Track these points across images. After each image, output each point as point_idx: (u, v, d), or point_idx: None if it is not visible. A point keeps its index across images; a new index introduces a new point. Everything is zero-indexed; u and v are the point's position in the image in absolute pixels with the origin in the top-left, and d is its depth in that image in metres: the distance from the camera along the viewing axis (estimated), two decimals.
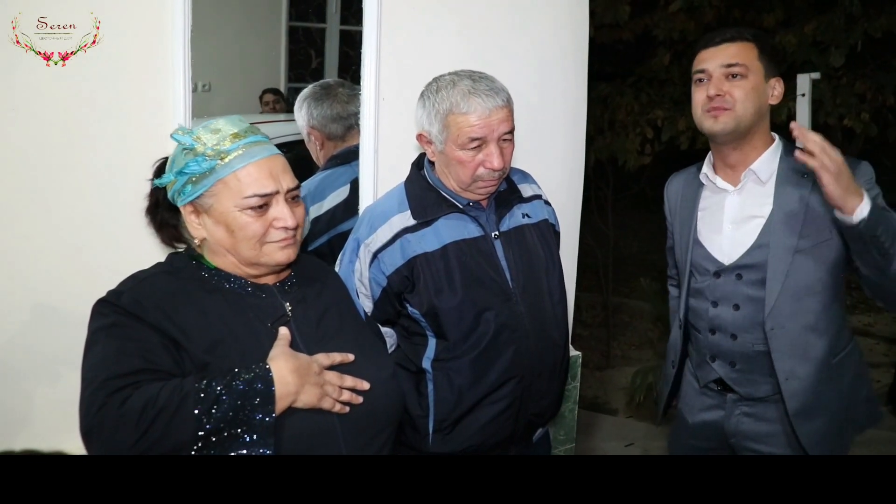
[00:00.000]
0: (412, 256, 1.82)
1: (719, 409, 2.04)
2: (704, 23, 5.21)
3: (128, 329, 1.35)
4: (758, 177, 1.93)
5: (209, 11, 2.08)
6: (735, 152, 1.95)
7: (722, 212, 1.98)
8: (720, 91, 1.88)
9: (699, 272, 2.03)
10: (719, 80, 1.89)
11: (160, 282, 1.45)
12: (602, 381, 5.37)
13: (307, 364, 1.41)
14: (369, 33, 2.17)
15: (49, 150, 1.90)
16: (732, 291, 1.95)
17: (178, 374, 1.33)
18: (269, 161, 1.46)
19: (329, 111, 2.43)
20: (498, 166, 1.77)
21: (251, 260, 1.48)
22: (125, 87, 1.94)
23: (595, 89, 5.28)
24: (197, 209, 1.48)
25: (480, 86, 1.77)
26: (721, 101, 1.88)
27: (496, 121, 1.76)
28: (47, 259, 1.93)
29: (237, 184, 1.43)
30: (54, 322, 1.94)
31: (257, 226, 1.44)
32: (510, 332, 1.84)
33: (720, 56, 1.90)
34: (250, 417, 1.29)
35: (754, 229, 1.92)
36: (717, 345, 1.99)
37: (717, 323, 1.99)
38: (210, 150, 1.43)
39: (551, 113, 2.51)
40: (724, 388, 2.02)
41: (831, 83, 4.75)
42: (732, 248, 1.95)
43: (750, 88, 1.87)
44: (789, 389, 1.88)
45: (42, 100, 1.88)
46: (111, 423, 1.23)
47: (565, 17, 2.49)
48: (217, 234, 1.47)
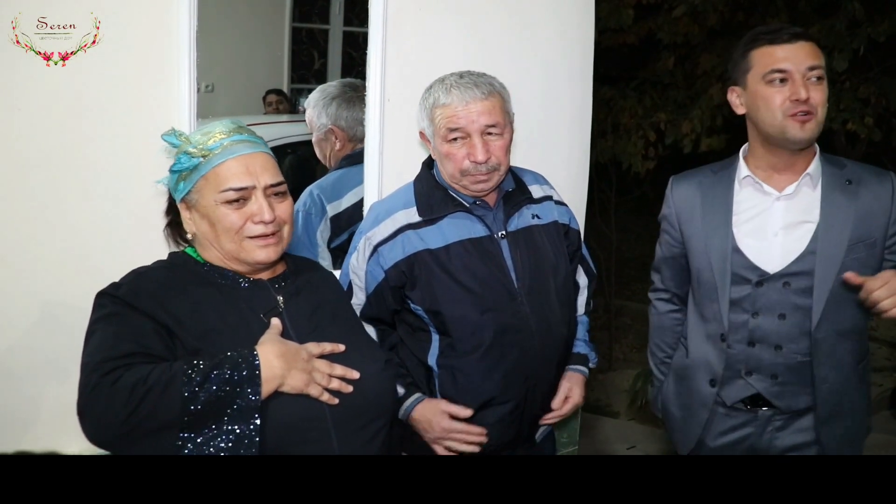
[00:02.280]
0: (413, 252, 1.84)
1: (746, 426, 1.94)
2: (708, 26, 5.20)
3: (124, 317, 1.43)
4: (812, 181, 1.84)
5: (213, 13, 2.08)
6: (794, 157, 1.85)
7: (767, 217, 1.87)
8: (807, 95, 1.75)
9: (735, 282, 1.89)
10: (803, 83, 1.76)
11: (157, 275, 1.54)
12: (604, 383, 5.37)
13: (295, 350, 1.46)
14: (375, 35, 2.17)
15: (49, 150, 1.90)
16: (778, 300, 1.84)
17: (169, 358, 1.39)
18: (249, 157, 1.54)
19: (360, 114, 2.42)
20: (481, 159, 1.78)
21: (232, 254, 1.55)
22: (125, 87, 1.94)
23: (598, 92, 5.28)
24: (187, 205, 1.57)
25: (464, 80, 1.82)
26: (808, 107, 1.76)
27: (475, 112, 1.79)
28: (46, 259, 1.93)
29: (216, 178, 1.52)
30: (58, 323, 1.94)
31: (234, 217, 1.52)
32: (515, 333, 1.84)
33: (802, 56, 1.78)
34: (236, 398, 1.34)
35: (805, 235, 1.83)
36: (757, 357, 1.88)
37: (758, 334, 1.87)
38: (194, 149, 1.52)
39: (556, 115, 2.50)
40: (755, 405, 1.92)
41: (835, 88, 4.74)
42: (782, 256, 1.84)
43: (826, 93, 1.79)
44: (821, 395, 1.84)
45: (42, 100, 1.88)
46: (103, 400, 1.29)
47: (571, 20, 2.48)
48: (203, 228, 1.56)
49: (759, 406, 1.91)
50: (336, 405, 1.47)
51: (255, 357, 1.38)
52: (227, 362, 1.36)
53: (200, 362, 1.35)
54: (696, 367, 2.01)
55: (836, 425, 1.87)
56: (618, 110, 5.63)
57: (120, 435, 1.29)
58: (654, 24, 5.44)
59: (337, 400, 1.47)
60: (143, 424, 1.28)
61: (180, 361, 1.36)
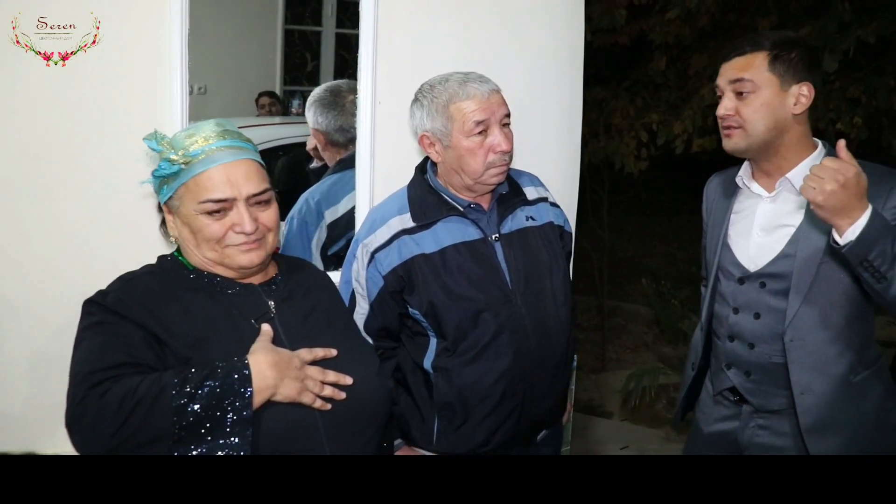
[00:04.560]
0: (409, 257, 1.84)
1: (734, 419, 1.98)
2: (699, 27, 5.22)
3: (112, 326, 1.40)
4: (792, 185, 1.84)
5: (206, 14, 2.08)
6: (767, 162, 1.89)
7: (753, 217, 1.92)
8: (728, 111, 1.83)
9: (724, 276, 1.98)
10: (728, 97, 1.84)
11: (145, 281, 1.51)
12: (597, 383, 5.38)
13: (287, 358, 1.43)
14: (366, 37, 2.17)
15: (48, 150, 1.89)
16: (755, 299, 1.89)
17: (159, 368, 1.37)
18: (231, 166, 1.50)
19: (334, 121, 2.44)
20: (507, 148, 1.84)
21: (216, 260, 1.53)
22: (125, 87, 1.94)
23: (590, 93, 5.29)
24: (170, 209, 1.54)
25: (471, 76, 1.87)
26: (730, 121, 1.83)
27: (495, 103, 1.84)
28: (46, 259, 1.93)
29: (196, 188, 1.48)
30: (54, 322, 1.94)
31: (215, 227, 1.49)
32: (510, 334, 1.85)
33: (729, 71, 1.85)
34: (227, 409, 1.32)
35: (783, 238, 1.85)
36: (735, 353, 1.94)
37: (736, 330, 1.93)
38: (175, 155, 1.47)
39: (546, 116, 2.51)
40: (740, 399, 1.96)
41: (825, 88, 4.77)
42: (759, 255, 1.89)
43: (759, 105, 1.80)
44: (804, 404, 1.83)
45: (42, 100, 1.87)
46: (92, 413, 1.28)
47: (560, 21, 2.49)
48: (184, 234, 1.53)
49: (742, 401, 1.96)
50: (328, 412, 1.46)
51: (246, 367, 1.36)
52: (218, 373, 1.33)
53: (190, 373, 1.32)
54: (690, 349, 2.17)
55: (828, 439, 1.83)
56: (609, 111, 5.64)
57: (110, 448, 1.27)
58: (645, 25, 5.46)
59: (329, 406, 1.46)
60: (133, 438, 1.27)
61: (170, 372, 1.33)
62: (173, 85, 1.96)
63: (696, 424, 2.13)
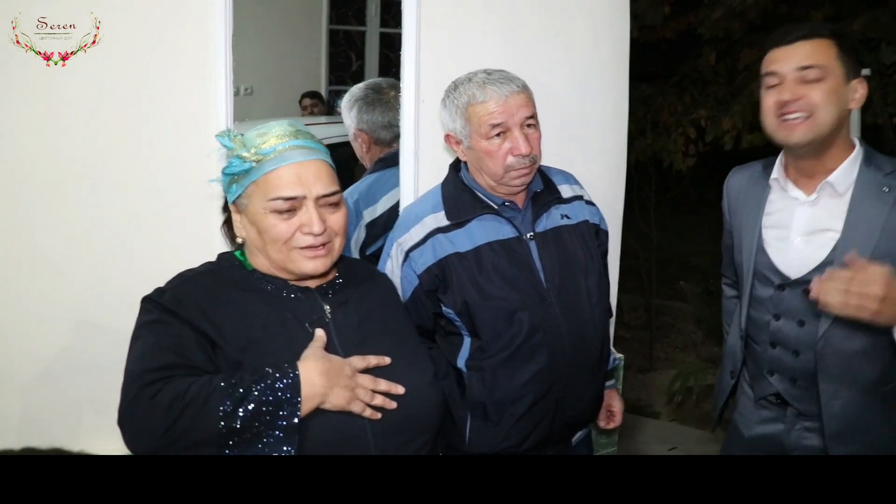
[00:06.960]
0: (444, 256, 1.83)
1: (778, 422, 1.91)
2: (749, 20, 5.11)
3: (167, 325, 1.40)
4: (834, 189, 1.75)
5: (250, 15, 2.10)
6: (812, 162, 1.78)
7: (790, 221, 1.82)
8: (795, 96, 1.70)
9: (761, 281, 1.88)
10: (794, 84, 1.71)
11: (202, 281, 1.50)
12: (644, 383, 5.31)
13: (338, 366, 1.41)
14: (408, 35, 2.17)
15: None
16: (798, 307, 1.79)
17: (210, 370, 1.37)
18: (302, 166, 1.48)
19: (380, 118, 2.43)
20: (525, 151, 1.79)
21: (280, 263, 1.51)
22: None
23: (637, 90, 5.22)
24: (238, 209, 1.53)
25: (494, 76, 1.82)
26: (797, 108, 1.70)
27: (514, 105, 1.79)
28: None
29: (266, 186, 1.47)
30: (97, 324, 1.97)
31: (283, 227, 1.47)
32: (544, 334, 1.82)
33: (794, 56, 1.71)
34: (275, 416, 1.31)
35: (825, 244, 1.76)
36: (779, 360, 1.86)
37: (779, 337, 1.85)
38: (247, 153, 1.46)
39: (592, 113, 2.48)
40: (784, 402, 1.89)
41: (882, 81, 4.63)
42: (802, 263, 1.79)
43: (829, 92, 1.69)
44: (830, 411, 1.77)
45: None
46: (141, 413, 1.29)
47: (605, 18, 2.46)
48: (251, 235, 1.52)
49: (787, 405, 1.89)
50: (378, 420, 1.43)
51: (296, 375, 1.35)
52: (268, 379, 1.33)
53: (240, 378, 1.32)
54: (725, 355, 2.07)
55: (847, 447, 1.77)
56: (657, 107, 5.56)
57: (157, 448, 1.28)
58: (693, 19, 5.36)
59: (379, 415, 1.43)
60: (181, 440, 1.27)
61: (220, 376, 1.33)
62: (218, 86, 1.97)
63: (735, 427, 2.05)
